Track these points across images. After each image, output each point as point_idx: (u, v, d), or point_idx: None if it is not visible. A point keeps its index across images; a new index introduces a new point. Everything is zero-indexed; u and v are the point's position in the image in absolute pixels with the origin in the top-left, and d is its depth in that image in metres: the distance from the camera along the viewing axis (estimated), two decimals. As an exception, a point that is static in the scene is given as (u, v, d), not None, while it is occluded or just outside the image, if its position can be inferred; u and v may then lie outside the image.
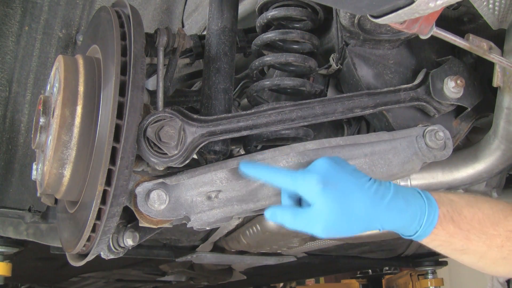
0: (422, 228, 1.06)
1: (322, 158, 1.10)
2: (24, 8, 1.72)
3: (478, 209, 1.10)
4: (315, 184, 1.03)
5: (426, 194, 1.09)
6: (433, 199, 1.08)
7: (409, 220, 1.06)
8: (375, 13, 0.94)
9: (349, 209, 1.02)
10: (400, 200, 1.05)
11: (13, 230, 2.17)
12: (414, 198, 1.07)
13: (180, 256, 2.95)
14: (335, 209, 1.02)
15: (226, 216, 1.15)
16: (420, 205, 1.06)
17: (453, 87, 1.27)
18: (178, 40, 1.26)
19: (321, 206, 1.02)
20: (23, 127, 1.86)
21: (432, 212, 1.06)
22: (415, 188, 1.11)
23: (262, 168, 1.11)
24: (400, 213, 1.05)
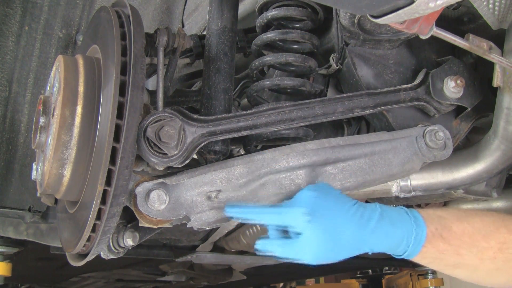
0: (411, 248, 1.07)
1: (307, 188, 1.11)
2: (24, 8, 1.72)
3: (468, 223, 1.11)
4: (301, 216, 1.05)
5: (414, 213, 1.11)
6: (421, 217, 1.09)
7: (396, 241, 1.07)
8: (375, 13, 0.94)
9: (337, 237, 1.04)
10: (386, 222, 1.07)
11: (13, 230, 2.17)
12: (400, 219, 1.08)
13: (180, 256, 2.94)
14: (322, 239, 1.04)
15: (226, 216, 1.15)
16: (407, 226, 1.07)
17: (453, 87, 1.27)
18: (178, 40, 1.26)
19: (309, 236, 1.04)
20: (23, 127, 1.86)
21: (420, 232, 1.07)
22: (402, 208, 1.12)
23: (248, 209, 1.12)
24: (387, 236, 1.06)
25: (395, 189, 1.51)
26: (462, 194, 1.54)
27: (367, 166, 1.21)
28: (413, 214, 1.10)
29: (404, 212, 1.11)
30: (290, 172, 1.16)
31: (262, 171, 1.15)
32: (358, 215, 1.06)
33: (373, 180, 1.22)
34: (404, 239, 1.07)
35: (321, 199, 1.08)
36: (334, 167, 1.19)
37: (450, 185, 1.45)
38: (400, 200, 1.68)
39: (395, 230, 1.07)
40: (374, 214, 1.07)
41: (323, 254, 1.05)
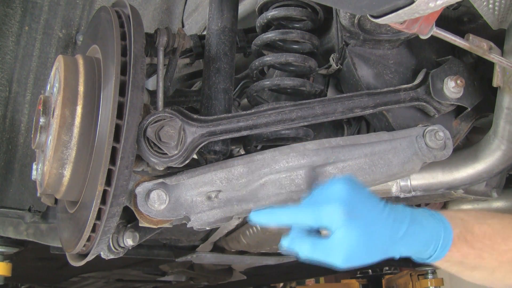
0: (437, 252, 1.05)
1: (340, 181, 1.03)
2: (24, 8, 1.72)
3: (488, 225, 1.08)
4: (339, 215, 0.97)
5: (440, 216, 1.07)
6: (447, 221, 1.06)
7: (425, 245, 1.04)
8: (375, 13, 0.94)
9: (371, 240, 0.99)
10: (417, 226, 1.03)
11: (13, 230, 2.17)
12: (429, 222, 1.05)
13: (180, 256, 2.94)
14: (357, 241, 0.98)
15: (226, 216, 1.15)
16: (436, 230, 1.04)
17: (453, 87, 1.27)
18: (178, 40, 1.26)
19: (343, 237, 0.97)
20: (23, 127, 1.86)
21: (447, 235, 1.04)
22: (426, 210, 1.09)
23: (276, 212, 1.05)
24: (417, 240, 1.03)
25: (395, 189, 1.51)
26: (462, 194, 1.54)
27: (367, 166, 1.21)
28: (439, 217, 1.07)
29: (430, 215, 1.07)
30: (290, 172, 1.16)
31: (262, 171, 1.15)
32: (391, 218, 1.02)
33: (373, 180, 1.22)
34: (432, 243, 1.04)
35: (357, 197, 1.01)
36: (334, 167, 1.19)
37: (450, 185, 1.45)
38: (400, 200, 1.68)
39: (424, 234, 1.03)
40: (406, 218, 1.03)
41: (354, 257, 0.99)
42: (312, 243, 1.00)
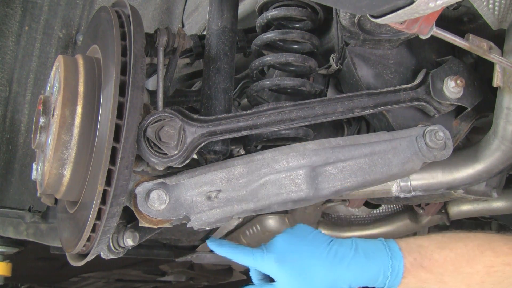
0: (389, 280, 1.09)
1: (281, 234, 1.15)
2: (24, 8, 1.73)
3: (450, 250, 1.11)
4: (272, 263, 1.09)
5: (391, 245, 1.12)
6: (398, 249, 1.10)
7: (373, 275, 1.08)
8: (375, 13, 0.94)
9: (309, 279, 1.07)
10: (361, 257, 1.09)
11: (13, 230, 2.17)
12: (376, 252, 1.10)
13: (180, 256, 2.95)
14: (294, 283, 1.07)
15: (226, 216, 1.15)
16: (383, 259, 1.09)
17: (453, 87, 1.27)
18: (178, 40, 1.26)
19: (283, 282, 1.08)
20: (23, 127, 1.86)
21: (397, 264, 1.08)
22: (380, 240, 1.14)
23: (227, 247, 1.17)
24: (362, 270, 1.08)
25: (395, 189, 1.51)
26: (462, 194, 1.54)
27: (367, 166, 1.21)
28: (390, 245, 1.12)
29: (381, 244, 1.12)
30: (290, 172, 1.16)
31: (262, 171, 1.15)
32: (332, 255, 1.09)
33: (373, 180, 1.22)
34: (381, 272, 1.08)
35: (293, 245, 1.12)
36: (334, 167, 1.19)
37: (450, 185, 1.45)
38: (400, 200, 1.68)
39: (370, 264, 1.08)
40: (349, 251, 1.09)
41: None
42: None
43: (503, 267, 1.09)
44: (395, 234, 2.38)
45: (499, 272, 1.09)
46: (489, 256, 1.10)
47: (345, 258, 1.09)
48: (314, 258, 1.09)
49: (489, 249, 1.11)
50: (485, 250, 1.11)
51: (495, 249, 1.11)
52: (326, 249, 1.11)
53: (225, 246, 1.18)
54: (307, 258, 1.09)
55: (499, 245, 1.12)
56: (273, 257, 1.10)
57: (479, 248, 1.11)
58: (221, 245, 1.18)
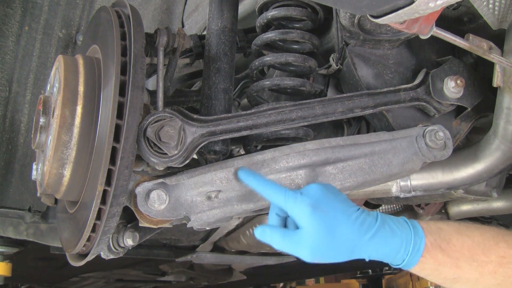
0: (409, 256, 1.08)
1: (316, 183, 1.11)
2: (24, 8, 1.73)
3: (468, 237, 1.11)
4: (305, 206, 1.05)
5: (413, 223, 1.11)
6: (420, 228, 1.10)
7: (395, 249, 1.08)
8: (375, 13, 0.94)
9: (336, 237, 1.05)
10: (386, 230, 1.08)
11: (13, 230, 2.17)
12: (400, 227, 1.09)
13: (180, 256, 2.95)
14: (321, 235, 1.04)
15: (226, 216, 1.15)
16: (406, 234, 1.08)
17: (453, 87, 1.27)
18: (178, 40, 1.26)
19: (309, 230, 1.04)
20: (23, 127, 1.86)
21: (418, 241, 1.08)
22: (402, 218, 1.13)
23: (259, 178, 1.12)
24: (385, 243, 1.07)
25: (395, 189, 1.51)
26: (462, 194, 1.54)
27: (367, 166, 1.21)
28: (412, 223, 1.11)
29: (404, 221, 1.12)
30: (290, 172, 1.16)
31: (262, 171, 1.15)
32: (359, 221, 1.07)
33: (373, 180, 1.22)
34: (402, 248, 1.08)
35: (327, 197, 1.08)
36: (334, 167, 1.19)
37: (450, 185, 1.45)
38: (400, 200, 1.68)
39: (394, 238, 1.08)
40: (375, 222, 1.08)
41: (320, 252, 1.05)
42: (282, 234, 1.07)
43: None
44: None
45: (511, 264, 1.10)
46: (503, 247, 1.11)
47: (371, 229, 1.07)
48: (345, 218, 1.07)
49: (503, 241, 1.12)
50: (499, 241, 1.11)
51: (509, 241, 1.12)
52: (355, 213, 1.08)
53: (257, 178, 1.12)
54: (339, 214, 1.07)
55: None
56: (307, 201, 1.06)
57: (494, 239, 1.12)
58: (252, 176, 1.12)
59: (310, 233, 1.04)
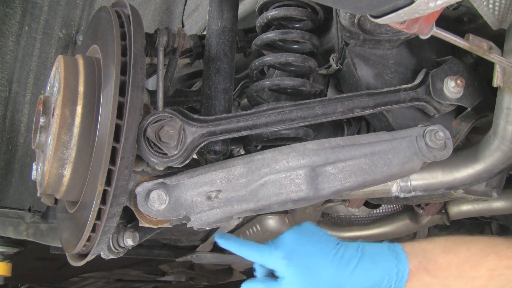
0: (394, 283, 1.09)
1: (290, 231, 1.15)
2: (24, 8, 1.73)
3: (454, 254, 1.12)
4: (280, 259, 1.09)
5: (396, 248, 1.12)
6: (403, 252, 1.11)
7: (378, 279, 1.09)
8: (375, 13, 0.94)
9: (316, 280, 1.07)
10: (367, 261, 1.10)
11: (13, 230, 2.17)
12: (382, 256, 1.11)
13: (180, 256, 2.95)
14: (302, 283, 1.07)
15: (226, 216, 1.15)
16: (389, 262, 1.10)
17: (453, 87, 1.27)
18: (178, 40, 1.26)
19: (289, 280, 1.08)
20: (23, 127, 1.86)
21: (402, 268, 1.09)
22: (385, 243, 1.14)
23: (234, 242, 1.17)
24: (368, 275, 1.09)
25: (395, 189, 1.51)
26: (462, 194, 1.54)
27: (367, 166, 1.21)
28: (395, 249, 1.13)
29: (386, 248, 1.13)
30: (290, 172, 1.16)
31: (262, 171, 1.15)
32: (338, 257, 1.09)
33: (373, 180, 1.22)
34: (386, 276, 1.09)
35: (301, 243, 1.12)
36: (334, 167, 1.19)
37: (450, 185, 1.45)
38: (400, 200, 1.68)
39: (376, 268, 1.09)
40: (355, 254, 1.10)
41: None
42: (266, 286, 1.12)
43: (506, 271, 1.10)
44: (395, 234, 2.38)
45: (502, 276, 1.10)
46: (493, 259, 1.11)
47: (352, 262, 1.09)
48: (321, 259, 1.09)
49: (493, 253, 1.12)
50: (488, 254, 1.12)
51: (499, 253, 1.12)
52: (333, 250, 1.11)
53: (232, 241, 1.17)
54: (314, 258, 1.09)
55: (502, 249, 1.12)
56: (281, 253, 1.10)
57: (482, 252, 1.12)
58: (228, 240, 1.18)
59: (289, 282, 1.08)
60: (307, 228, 1.17)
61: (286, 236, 1.15)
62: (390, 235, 2.40)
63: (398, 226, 2.33)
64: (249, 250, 1.15)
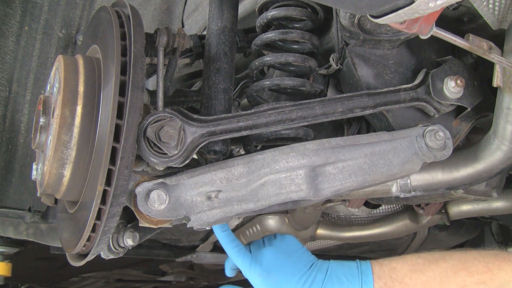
0: None
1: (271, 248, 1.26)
2: (24, 8, 1.73)
3: (421, 273, 1.17)
4: (256, 276, 1.22)
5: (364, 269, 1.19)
6: (370, 273, 1.18)
7: None
8: (375, 13, 0.94)
9: None
10: (334, 282, 1.18)
11: (13, 230, 2.17)
12: (348, 277, 1.18)
13: (180, 256, 2.95)
14: None
15: (226, 216, 1.15)
16: (354, 284, 1.17)
17: (453, 87, 1.27)
18: (178, 40, 1.26)
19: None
20: (23, 127, 1.86)
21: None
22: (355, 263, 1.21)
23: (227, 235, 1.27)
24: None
25: (395, 189, 1.51)
26: (462, 194, 1.54)
27: (367, 166, 1.21)
28: (363, 269, 1.19)
29: (355, 268, 1.20)
30: (290, 172, 1.16)
31: (262, 171, 1.15)
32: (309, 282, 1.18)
33: (373, 180, 1.22)
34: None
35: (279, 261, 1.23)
36: (334, 167, 1.19)
37: (450, 185, 1.45)
38: (400, 200, 1.68)
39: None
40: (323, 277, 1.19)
41: None
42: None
43: (477, 286, 1.14)
44: (395, 234, 2.38)
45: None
46: (463, 276, 1.15)
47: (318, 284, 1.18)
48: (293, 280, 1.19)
49: (463, 269, 1.15)
50: (459, 270, 1.15)
51: (470, 268, 1.15)
52: (305, 274, 1.20)
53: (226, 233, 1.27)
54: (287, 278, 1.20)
55: (474, 264, 1.16)
56: (258, 270, 1.22)
57: (453, 269, 1.16)
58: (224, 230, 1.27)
59: None
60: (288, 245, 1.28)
61: (266, 253, 1.25)
62: (390, 235, 2.40)
63: (398, 226, 2.33)
64: (235, 251, 1.26)
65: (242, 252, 1.25)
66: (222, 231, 1.27)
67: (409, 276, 1.17)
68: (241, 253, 1.25)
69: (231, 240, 1.28)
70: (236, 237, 1.29)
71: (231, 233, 1.28)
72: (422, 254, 1.22)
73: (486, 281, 1.13)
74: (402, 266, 1.19)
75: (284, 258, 1.24)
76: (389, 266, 1.19)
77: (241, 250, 1.26)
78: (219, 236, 1.28)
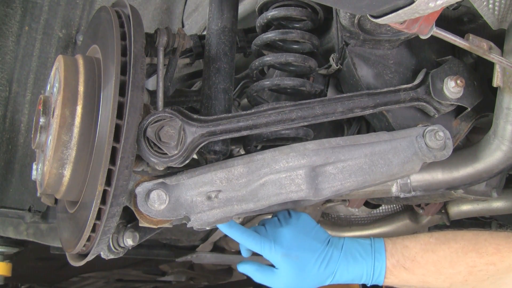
0: (372, 279, 1.21)
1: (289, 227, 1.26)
2: (24, 8, 1.73)
3: (433, 252, 1.19)
4: (279, 256, 1.21)
5: (377, 246, 1.22)
6: (383, 250, 1.22)
7: (358, 275, 1.22)
8: (375, 13, 0.94)
9: (305, 273, 1.21)
10: (349, 259, 1.22)
11: (13, 230, 2.17)
12: (362, 254, 1.22)
13: (180, 256, 2.95)
14: (293, 277, 1.21)
15: (226, 216, 1.15)
16: (367, 261, 1.21)
17: (453, 87, 1.27)
18: (178, 40, 1.26)
19: (283, 273, 1.21)
20: (23, 127, 1.86)
21: (379, 266, 1.20)
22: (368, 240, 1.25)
23: (237, 230, 1.26)
24: (347, 272, 1.22)
25: (395, 189, 1.51)
26: (462, 194, 1.54)
27: (367, 166, 1.21)
28: (376, 247, 1.22)
29: (368, 245, 1.24)
30: (290, 172, 1.16)
31: (262, 171, 1.15)
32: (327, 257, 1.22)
33: (373, 180, 1.22)
34: (364, 273, 1.21)
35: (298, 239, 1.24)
36: (334, 167, 1.19)
37: (450, 185, 1.45)
38: (400, 200, 1.68)
39: (355, 266, 1.21)
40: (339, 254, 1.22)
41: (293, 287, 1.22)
42: (261, 272, 1.25)
43: (486, 267, 1.15)
44: (395, 234, 2.38)
45: (483, 271, 1.15)
46: (473, 257, 1.16)
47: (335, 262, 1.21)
48: (313, 258, 1.22)
49: (474, 250, 1.17)
50: (469, 251, 1.17)
51: (480, 250, 1.17)
52: (324, 250, 1.23)
53: (235, 229, 1.25)
54: (308, 256, 1.21)
55: (484, 245, 1.17)
56: (280, 251, 1.21)
57: (463, 249, 1.18)
58: (231, 227, 1.25)
59: (283, 275, 1.21)
60: (304, 223, 1.28)
61: (285, 232, 1.24)
62: (390, 235, 2.39)
63: (398, 226, 2.33)
64: (251, 241, 1.24)
65: (258, 239, 1.24)
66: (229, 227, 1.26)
67: (420, 255, 1.19)
68: (258, 241, 1.24)
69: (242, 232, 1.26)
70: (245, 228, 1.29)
71: (239, 226, 1.27)
72: (435, 234, 1.24)
73: (496, 262, 1.14)
74: (415, 245, 1.21)
75: (303, 236, 1.25)
76: (402, 244, 1.22)
77: (256, 238, 1.25)
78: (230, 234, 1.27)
